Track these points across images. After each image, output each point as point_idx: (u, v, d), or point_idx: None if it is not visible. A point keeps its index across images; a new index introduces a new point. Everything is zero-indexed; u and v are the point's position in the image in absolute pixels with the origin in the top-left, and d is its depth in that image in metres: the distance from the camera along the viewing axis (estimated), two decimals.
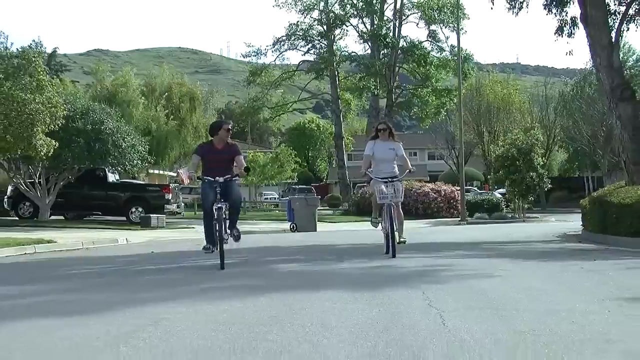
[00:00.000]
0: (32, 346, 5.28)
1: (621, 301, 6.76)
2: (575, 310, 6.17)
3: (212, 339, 5.23)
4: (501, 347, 4.67)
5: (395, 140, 12.61)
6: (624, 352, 4.50)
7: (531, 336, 5.05)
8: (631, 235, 15.57)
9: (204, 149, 11.81)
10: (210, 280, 9.27)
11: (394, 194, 12.05)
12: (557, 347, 4.64)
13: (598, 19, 19.73)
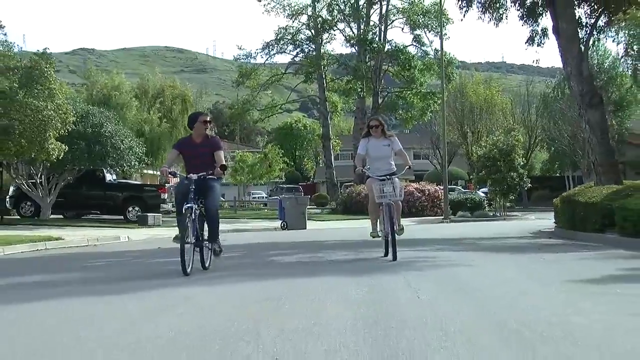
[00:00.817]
0: (88, 317, 6.66)
1: (566, 282, 8.24)
2: (527, 291, 7.65)
3: (236, 309, 6.65)
4: (462, 313, 6.11)
5: (388, 135, 12.05)
6: (550, 314, 5.93)
7: (487, 305, 6.53)
8: (596, 232, 17.02)
9: (182, 143, 11.14)
10: (220, 270, 10.65)
11: (393, 192, 11.53)
12: (502, 312, 6.10)
13: (569, 31, 21.26)
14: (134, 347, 5.00)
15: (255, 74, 50.73)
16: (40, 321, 6.39)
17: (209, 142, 10.63)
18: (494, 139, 41.16)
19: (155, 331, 5.55)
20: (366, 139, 12.01)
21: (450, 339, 4.96)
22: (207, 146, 10.54)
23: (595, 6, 22.48)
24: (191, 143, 10.69)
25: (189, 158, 10.67)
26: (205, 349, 4.86)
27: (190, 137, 10.85)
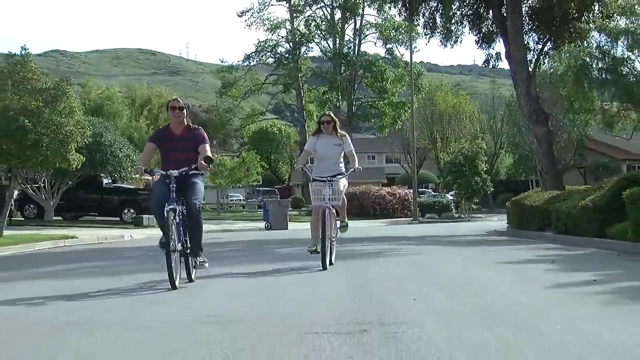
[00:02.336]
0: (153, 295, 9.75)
1: (493, 264, 11.49)
2: (465, 269, 10.88)
3: (261, 279, 9.75)
4: (410, 275, 9.29)
5: (340, 134, 11.14)
6: (480, 283, 9.12)
7: (429, 272, 9.74)
8: (537, 230, 20.27)
9: (159, 135, 9.70)
10: (235, 257, 13.76)
11: (331, 196, 10.76)
12: (440, 275, 9.30)
13: (519, 57, 24.59)
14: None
15: (237, 85, 53.93)
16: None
17: (191, 134, 9.27)
18: (459, 146, 44.58)
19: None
20: (316, 136, 11.24)
21: (402, 285, 8.17)
22: (188, 139, 9.23)
23: (542, 35, 25.82)
24: (169, 135, 9.35)
25: (166, 151, 9.34)
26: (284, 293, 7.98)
27: (168, 127, 9.47)
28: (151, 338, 5.41)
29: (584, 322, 5.64)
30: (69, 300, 7.71)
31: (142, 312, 6.84)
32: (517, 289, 8.04)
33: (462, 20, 27.06)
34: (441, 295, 7.52)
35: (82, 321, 6.29)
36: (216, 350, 4.82)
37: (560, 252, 13.61)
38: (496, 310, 6.43)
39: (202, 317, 6.29)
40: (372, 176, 75.36)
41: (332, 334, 5.20)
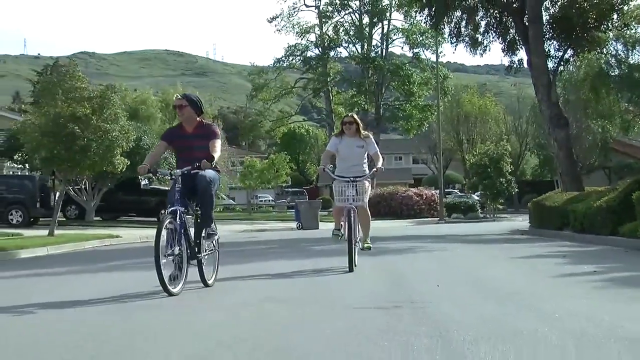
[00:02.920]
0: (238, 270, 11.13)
1: (508, 259, 12.78)
2: (482, 263, 12.17)
3: (303, 271, 11.08)
4: (432, 267, 10.59)
5: (363, 136, 11.01)
6: (494, 273, 10.42)
7: (452, 268, 11.04)
8: (556, 229, 21.48)
9: (170, 134, 9.21)
10: (275, 253, 15.12)
11: (355, 196, 10.62)
12: (459, 268, 10.60)
13: (539, 64, 25.78)
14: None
15: (267, 88, 55.54)
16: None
17: (203, 130, 8.78)
18: (484, 148, 45.77)
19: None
20: (339, 137, 11.14)
21: (427, 275, 9.48)
22: (202, 137, 8.68)
23: (562, 42, 27.01)
24: (181, 133, 8.90)
25: (180, 150, 9.00)
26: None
27: (180, 125, 9.03)
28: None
29: (572, 301, 6.95)
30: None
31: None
32: (524, 277, 9.39)
33: (488, 29, 28.28)
34: (459, 283, 8.85)
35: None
36: (278, 320, 6.18)
37: (573, 249, 14.87)
38: (503, 292, 7.76)
39: (263, 297, 7.66)
40: (399, 177, 76.61)
41: (371, 309, 6.55)
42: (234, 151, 77.39)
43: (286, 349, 4.87)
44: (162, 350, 5.01)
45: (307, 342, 5.08)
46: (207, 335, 5.53)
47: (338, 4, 54.42)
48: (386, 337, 5.05)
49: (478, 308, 6.53)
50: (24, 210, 32.82)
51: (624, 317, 5.79)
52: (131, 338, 5.52)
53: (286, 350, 4.83)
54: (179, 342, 5.26)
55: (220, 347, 5.02)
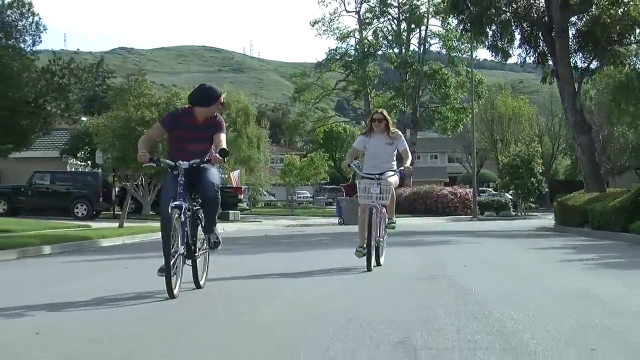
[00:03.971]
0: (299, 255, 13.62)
1: (525, 249, 15.17)
2: (503, 251, 14.58)
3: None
4: (463, 257, 13.00)
5: (392, 133, 10.73)
6: (511, 259, 12.81)
7: (478, 255, 13.46)
8: (577, 227, 23.74)
9: (176, 120, 8.23)
10: (328, 244, 17.59)
11: (379, 195, 10.36)
12: (484, 257, 13.01)
13: (565, 75, 27.99)
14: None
15: (308, 90, 58.27)
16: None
17: (211, 123, 8.14)
18: (517, 150, 47.99)
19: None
20: (368, 135, 10.87)
21: (457, 260, 11.91)
22: (211, 127, 8.13)
23: (587, 55, 29.25)
24: (193, 123, 8.11)
25: (181, 141, 8.17)
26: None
27: (191, 113, 8.14)
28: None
29: (564, 276, 9.40)
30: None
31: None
32: (534, 262, 11.87)
33: (521, 43, 30.57)
34: (482, 265, 11.33)
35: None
36: (331, 288, 8.67)
37: (586, 243, 17.24)
38: (513, 271, 10.31)
39: (325, 270, 10.15)
40: (435, 175, 78.85)
41: (416, 279, 9.03)
42: (275, 149, 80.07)
43: (366, 302, 7.36)
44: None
45: (379, 299, 7.53)
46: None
47: (377, 11, 56.99)
48: (427, 295, 7.52)
49: (491, 281, 8.99)
50: (88, 204, 35.60)
51: (592, 285, 8.25)
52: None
53: (366, 303, 7.32)
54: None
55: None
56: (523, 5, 29.65)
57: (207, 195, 8.03)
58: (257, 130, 56.21)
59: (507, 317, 5.89)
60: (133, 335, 5.64)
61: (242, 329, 5.78)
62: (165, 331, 5.76)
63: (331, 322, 5.77)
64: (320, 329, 5.55)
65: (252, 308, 7.01)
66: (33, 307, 7.09)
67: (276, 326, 5.82)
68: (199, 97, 8.13)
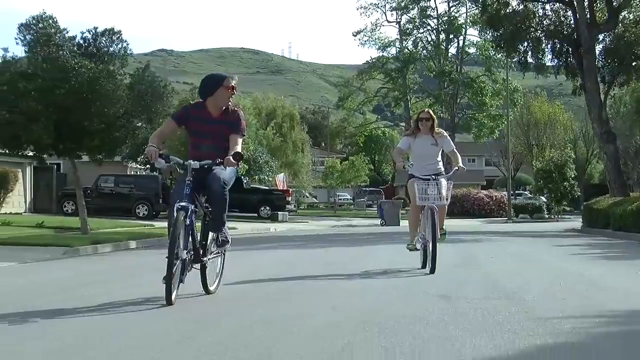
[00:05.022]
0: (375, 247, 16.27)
1: (548, 246, 17.69)
2: (527, 247, 17.11)
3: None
4: (493, 251, 15.55)
5: (437, 133, 10.61)
6: (532, 252, 15.37)
7: (506, 250, 16.03)
8: (601, 228, 26.09)
9: (189, 114, 7.83)
10: (376, 241, 20.20)
11: (437, 195, 10.23)
12: (511, 252, 15.58)
13: (592, 89, 30.40)
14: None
15: (351, 98, 61.16)
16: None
17: (228, 118, 7.70)
18: (550, 155, 50.27)
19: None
20: (412, 136, 10.70)
21: (487, 253, 14.44)
22: (227, 123, 7.66)
23: (612, 70, 31.64)
24: (204, 116, 7.71)
25: (197, 136, 7.79)
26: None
27: (203, 107, 7.77)
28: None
29: (567, 263, 11.99)
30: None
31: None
32: (549, 254, 14.48)
33: (553, 58, 33.10)
34: (505, 256, 13.97)
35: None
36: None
37: (603, 242, 19.74)
38: (529, 260, 12.91)
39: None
40: (472, 178, 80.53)
41: (454, 267, 11.58)
42: (316, 152, 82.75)
43: (417, 283, 9.99)
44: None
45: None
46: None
47: (417, 21, 59.76)
48: (461, 274, 10.15)
49: (512, 267, 11.64)
50: (149, 205, 38.57)
51: (585, 269, 10.90)
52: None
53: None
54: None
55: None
56: (554, 23, 32.14)
57: (214, 191, 7.50)
58: (301, 135, 58.95)
59: (515, 286, 8.55)
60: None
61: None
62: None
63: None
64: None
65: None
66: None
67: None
68: (203, 86, 7.83)
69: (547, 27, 32.20)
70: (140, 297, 7.60)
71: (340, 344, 4.99)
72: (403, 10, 59.90)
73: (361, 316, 6.29)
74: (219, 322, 6.28)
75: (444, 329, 5.59)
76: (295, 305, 7.26)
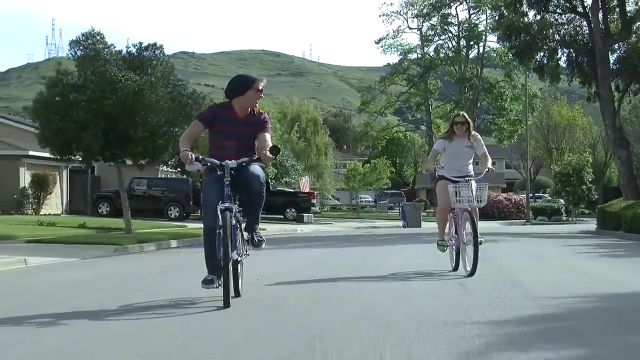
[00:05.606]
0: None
1: (559, 245, 19.12)
2: (539, 246, 18.56)
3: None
4: (507, 249, 17.02)
5: (472, 136, 10.65)
6: (543, 250, 16.82)
7: (519, 249, 17.48)
8: (612, 230, 27.45)
9: (215, 115, 7.80)
10: (402, 240, 21.68)
11: (471, 196, 10.18)
12: (523, 250, 17.03)
13: (606, 97, 31.76)
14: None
15: (373, 103, 62.79)
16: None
17: (255, 119, 7.70)
18: (568, 159, 51.61)
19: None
20: (447, 139, 10.77)
21: (500, 251, 15.94)
22: (252, 125, 7.67)
23: (626, 78, 32.96)
24: (231, 117, 7.68)
25: (223, 136, 7.73)
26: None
27: (230, 107, 7.74)
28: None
29: (570, 259, 13.47)
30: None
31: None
32: (557, 252, 15.93)
33: (568, 66, 34.44)
34: (516, 253, 15.47)
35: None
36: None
37: (611, 242, 21.13)
38: (537, 256, 14.37)
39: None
40: (493, 181, 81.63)
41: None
42: (338, 154, 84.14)
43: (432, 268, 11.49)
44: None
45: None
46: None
47: (439, 29, 61.34)
48: (477, 271, 11.56)
49: (520, 261, 13.17)
50: (180, 207, 40.24)
51: (585, 264, 12.42)
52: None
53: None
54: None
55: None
56: (569, 33, 33.54)
57: (254, 190, 7.56)
58: (324, 139, 60.47)
59: (520, 276, 10.08)
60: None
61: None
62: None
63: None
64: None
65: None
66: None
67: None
68: (232, 87, 7.76)
69: (562, 37, 33.59)
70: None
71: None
72: (424, 17, 61.45)
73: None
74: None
75: (459, 304, 7.14)
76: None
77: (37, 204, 37.98)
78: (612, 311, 7.02)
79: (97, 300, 8.13)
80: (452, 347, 5.03)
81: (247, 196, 7.61)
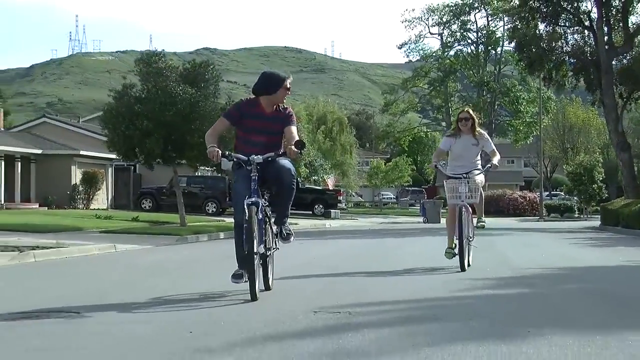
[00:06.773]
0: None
1: (560, 239, 22.13)
2: (541, 239, 21.58)
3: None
4: (513, 241, 20.07)
5: (478, 134, 10.69)
6: (542, 242, 19.89)
7: (523, 241, 20.51)
8: (612, 226, 30.34)
9: (243, 111, 7.81)
10: (424, 234, 24.74)
11: (468, 193, 10.35)
12: (528, 243, 20.08)
13: (610, 104, 34.72)
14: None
15: (396, 104, 65.99)
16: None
17: (281, 114, 7.72)
18: (580, 159, 54.52)
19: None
20: (454, 137, 10.80)
21: (506, 244, 18.99)
22: (279, 120, 7.70)
23: (628, 87, 35.91)
24: (258, 113, 7.68)
25: (250, 131, 7.76)
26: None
27: (257, 103, 7.75)
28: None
29: (563, 248, 16.54)
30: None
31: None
32: (555, 243, 18.99)
33: (575, 74, 37.45)
34: (519, 245, 18.47)
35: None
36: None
37: (609, 236, 24.10)
38: (537, 247, 17.42)
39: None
40: (511, 179, 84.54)
41: (480, 250, 16.13)
42: (361, 152, 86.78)
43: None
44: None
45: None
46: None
47: (459, 35, 64.48)
48: (483, 258, 14.62)
49: (522, 251, 16.15)
50: (217, 203, 43.31)
51: (570, 251, 15.46)
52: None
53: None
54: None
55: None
56: (577, 45, 36.55)
57: (284, 182, 7.68)
58: (349, 138, 63.27)
59: (514, 258, 13.17)
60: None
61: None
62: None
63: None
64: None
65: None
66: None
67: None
68: (262, 85, 7.75)
69: (570, 48, 36.59)
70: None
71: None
72: (445, 24, 64.60)
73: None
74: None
75: (460, 274, 10.25)
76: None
77: (87, 200, 41.30)
78: (562, 274, 10.16)
79: (196, 272, 11.33)
80: (454, 287, 8.19)
81: (278, 188, 7.75)
